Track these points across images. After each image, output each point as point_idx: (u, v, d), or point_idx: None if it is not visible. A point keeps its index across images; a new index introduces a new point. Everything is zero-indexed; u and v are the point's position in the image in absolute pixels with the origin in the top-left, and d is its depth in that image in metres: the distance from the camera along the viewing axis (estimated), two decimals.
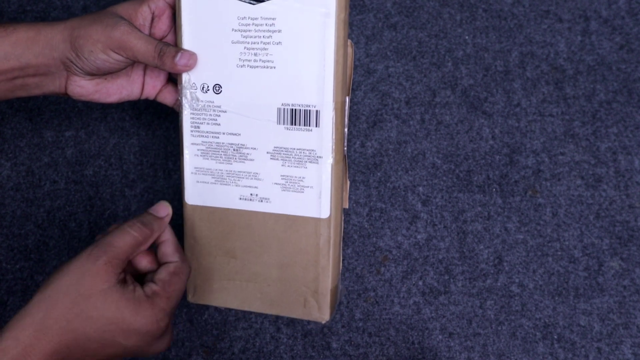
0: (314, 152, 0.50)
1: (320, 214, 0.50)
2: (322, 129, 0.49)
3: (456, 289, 0.62)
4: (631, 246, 0.61)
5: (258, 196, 0.52)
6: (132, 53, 0.49)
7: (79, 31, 0.49)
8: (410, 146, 0.65)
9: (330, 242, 0.51)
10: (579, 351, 0.60)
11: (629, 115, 0.64)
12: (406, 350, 0.62)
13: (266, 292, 0.53)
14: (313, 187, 0.50)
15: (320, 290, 0.52)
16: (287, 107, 0.49)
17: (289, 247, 0.52)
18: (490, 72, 0.66)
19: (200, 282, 0.55)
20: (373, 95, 0.67)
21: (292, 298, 0.53)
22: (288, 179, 0.51)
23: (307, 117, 0.49)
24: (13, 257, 0.67)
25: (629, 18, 0.66)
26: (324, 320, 0.53)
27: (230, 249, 0.53)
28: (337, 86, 0.48)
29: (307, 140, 0.49)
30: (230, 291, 0.54)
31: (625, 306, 0.60)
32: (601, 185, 0.63)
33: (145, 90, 0.55)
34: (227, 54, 0.50)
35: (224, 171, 0.52)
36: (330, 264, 0.51)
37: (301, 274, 0.52)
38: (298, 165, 0.50)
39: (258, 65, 0.49)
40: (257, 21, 0.49)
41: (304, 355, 0.62)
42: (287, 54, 0.49)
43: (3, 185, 0.69)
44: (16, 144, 0.69)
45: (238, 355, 0.63)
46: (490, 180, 0.64)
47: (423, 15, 0.68)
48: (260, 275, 0.53)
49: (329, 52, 0.47)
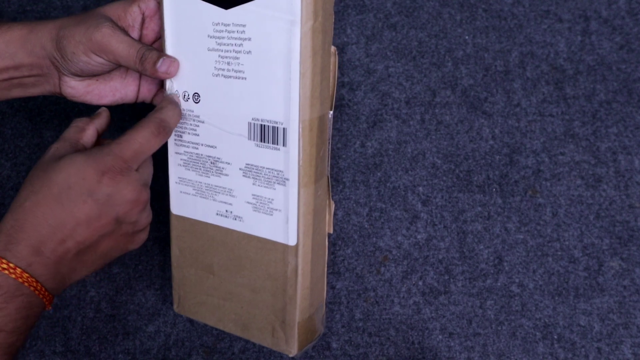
0: (281, 173, 0.46)
1: (288, 241, 0.47)
2: (288, 148, 0.45)
3: (456, 289, 0.62)
4: (631, 246, 0.61)
5: (232, 213, 0.49)
6: (113, 56, 0.47)
7: (63, 31, 0.48)
8: (410, 146, 0.65)
9: (298, 271, 0.47)
10: (579, 351, 0.60)
11: (629, 115, 0.64)
12: (406, 350, 0.62)
13: (239, 314, 0.51)
14: (281, 210, 0.47)
15: (287, 321, 0.49)
16: (257, 122, 0.46)
17: (260, 270, 0.49)
18: (490, 72, 0.66)
19: (184, 293, 0.54)
20: (373, 95, 0.67)
21: (262, 324, 0.50)
22: (258, 199, 0.48)
23: (275, 134, 0.45)
24: None
25: (629, 18, 0.66)
26: (291, 354, 0.49)
27: (209, 265, 0.52)
28: (306, 102, 0.44)
29: (276, 159, 0.46)
30: (208, 307, 0.53)
31: (625, 306, 0.60)
32: (601, 185, 0.63)
33: (141, 93, 0.54)
34: (204, 62, 0.48)
35: (202, 184, 0.50)
36: (298, 295, 0.48)
37: (271, 301, 0.49)
38: (267, 185, 0.47)
39: (231, 75, 0.47)
40: (229, 27, 0.46)
41: (304, 355, 0.62)
42: (257, 65, 0.45)
43: (3, 185, 0.69)
44: (16, 144, 0.69)
45: (238, 355, 0.63)
46: (490, 180, 0.64)
47: (423, 15, 0.68)
48: (235, 295, 0.51)
49: (295, 64, 0.43)
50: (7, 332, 0.40)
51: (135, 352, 0.63)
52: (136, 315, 0.64)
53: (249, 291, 0.50)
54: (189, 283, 0.54)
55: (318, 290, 0.51)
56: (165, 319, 0.64)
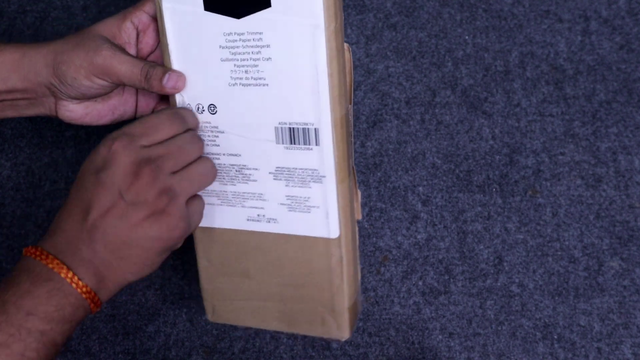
0: (316, 172, 0.47)
1: (329, 234, 0.48)
2: (322, 147, 0.46)
3: (456, 289, 0.62)
4: (631, 246, 0.61)
5: (265, 217, 0.49)
6: (117, 78, 0.46)
7: (61, 56, 0.47)
8: (410, 146, 0.65)
9: (343, 261, 0.49)
10: (579, 351, 0.60)
11: (629, 115, 0.64)
12: (406, 350, 0.62)
13: (283, 311, 0.52)
14: (319, 207, 0.47)
15: (337, 309, 0.50)
16: (285, 125, 0.46)
17: (302, 267, 0.50)
18: (490, 72, 0.66)
19: (218, 302, 0.54)
20: (373, 95, 0.67)
21: (310, 317, 0.51)
22: (293, 199, 0.48)
23: (306, 135, 0.46)
24: (13, 257, 0.67)
25: (629, 18, 0.66)
26: (343, 338, 0.51)
27: (244, 270, 0.51)
28: (334, 101, 0.45)
29: (309, 159, 0.47)
30: (248, 310, 0.53)
31: (625, 306, 0.60)
32: (601, 185, 0.63)
33: (140, 109, 0.53)
34: (217, 73, 0.47)
35: (228, 192, 0.50)
36: (345, 283, 0.49)
37: (317, 294, 0.50)
38: (302, 185, 0.47)
39: (250, 84, 0.46)
40: (244, 36, 0.45)
41: (304, 355, 0.62)
42: (279, 70, 0.45)
43: (3, 185, 0.69)
44: (16, 144, 0.70)
45: (238, 355, 0.63)
46: (490, 180, 0.64)
47: (423, 15, 0.68)
48: (276, 294, 0.51)
49: (322, 65, 0.44)
50: (38, 317, 0.40)
51: (135, 352, 0.63)
52: (136, 315, 0.64)
53: (292, 288, 0.51)
54: (223, 291, 0.53)
55: (357, 275, 0.53)
56: (165, 319, 0.64)
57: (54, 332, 0.41)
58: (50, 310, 0.40)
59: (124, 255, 0.43)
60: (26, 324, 0.40)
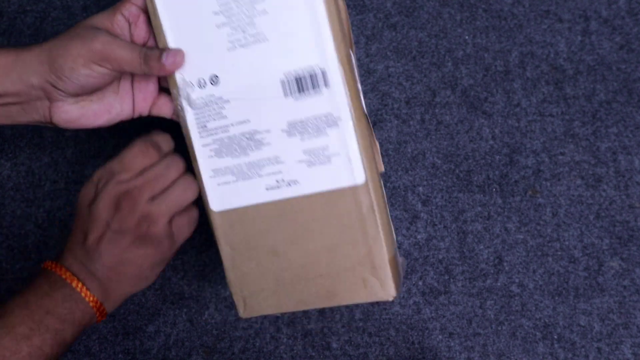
0: (330, 115, 0.45)
1: (355, 181, 0.46)
2: (332, 87, 0.45)
3: (456, 289, 0.62)
4: (631, 246, 0.61)
5: (285, 180, 0.47)
6: (117, 63, 0.47)
7: (57, 50, 0.47)
8: (410, 146, 0.65)
9: (374, 208, 0.46)
10: (579, 351, 0.60)
11: (629, 115, 0.64)
12: (406, 350, 0.62)
13: (320, 283, 0.48)
14: (340, 153, 0.46)
15: (377, 264, 0.46)
16: (290, 75, 0.46)
17: (332, 226, 0.47)
18: (490, 72, 0.66)
19: (249, 293, 0.51)
20: (373, 95, 0.67)
21: (349, 282, 0.47)
22: (311, 153, 0.46)
23: (314, 79, 0.45)
24: (13, 257, 0.67)
25: (629, 18, 0.66)
26: (391, 297, 0.47)
27: (271, 247, 0.49)
28: (337, 38, 0.44)
29: (320, 104, 0.45)
30: (282, 293, 0.50)
31: (625, 306, 0.60)
32: (601, 185, 0.63)
33: (137, 106, 0.52)
34: (215, 40, 0.47)
35: (242, 165, 0.48)
36: (381, 231, 0.46)
37: (353, 253, 0.47)
38: (318, 134, 0.46)
39: (249, 42, 0.46)
40: None
41: (304, 355, 0.62)
42: (276, 21, 0.45)
43: (3, 185, 0.69)
44: (16, 144, 0.70)
45: (238, 355, 0.63)
46: (490, 180, 0.64)
47: (423, 15, 0.68)
48: (309, 266, 0.48)
49: (319, 5, 0.44)
50: (54, 316, 0.46)
51: (135, 352, 0.63)
52: (136, 315, 0.64)
53: (326, 253, 0.48)
54: (253, 278, 0.50)
55: (391, 227, 0.50)
56: (165, 319, 0.64)
57: (66, 332, 0.47)
58: (64, 312, 0.46)
59: (120, 272, 0.49)
60: (45, 321, 0.45)
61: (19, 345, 0.44)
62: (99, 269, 0.48)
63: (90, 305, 0.48)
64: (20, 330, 0.44)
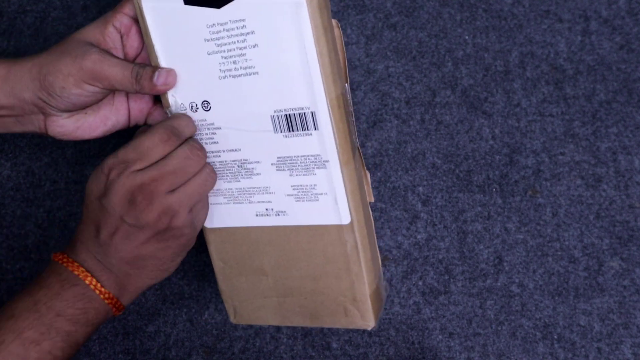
0: (319, 157, 0.45)
1: (341, 220, 0.47)
2: (321, 131, 0.44)
3: (456, 289, 0.62)
4: (631, 246, 0.61)
5: (273, 210, 0.48)
6: (108, 82, 0.45)
7: (47, 68, 0.46)
8: (410, 146, 0.65)
9: (358, 246, 0.47)
10: (579, 351, 0.60)
11: (629, 115, 0.64)
12: (406, 350, 0.62)
13: (304, 305, 0.50)
14: (327, 193, 0.46)
15: (358, 297, 0.49)
16: (281, 113, 0.45)
17: (317, 258, 0.48)
18: (490, 72, 0.66)
19: (239, 302, 0.53)
20: (373, 95, 0.67)
21: (331, 308, 0.50)
22: (299, 189, 0.47)
23: (303, 120, 0.45)
24: (13, 257, 0.67)
25: (629, 18, 0.66)
26: (369, 327, 0.49)
27: (259, 267, 0.51)
28: (328, 80, 0.43)
29: (309, 145, 0.45)
30: (269, 308, 0.52)
31: (625, 306, 0.60)
32: (601, 185, 0.63)
33: (133, 116, 0.51)
34: (206, 67, 0.46)
35: (234, 189, 0.49)
36: (363, 269, 0.48)
37: (335, 284, 0.49)
38: (306, 173, 0.46)
39: (240, 74, 0.45)
40: (227, 26, 0.44)
41: (304, 355, 0.62)
42: (267, 56, 0.44)
43: (3, 185, 0.69)
44: (16, 144, 0.70)
45: (238, 355, 0.63)
46: (490, 180, 0.64)
47: (423, 15, 0.68)
48: (295, 289, 0.50)
49: (309, 45, 0.42)
50: (65, 318, 0.43)
51: (135, 352, 0.63)
52: (136, 315, 0.64)
53: (310, 281, 0.49)
54: (242, 291, 0.52)
55: (376, 259, 0.51)
56: (165, 319, 0.64)
57: (78, 333, 0.44)
58: (76, 313, 0.44)
59: (139, 266, 0.46)
60: (55, 323, 0.43)
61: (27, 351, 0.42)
62: (115, 263, 0.45)
63: (105, 303, 0.45)
64: (28, 334, 0.42)
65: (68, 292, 0.44)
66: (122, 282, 0.46)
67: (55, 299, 0.43)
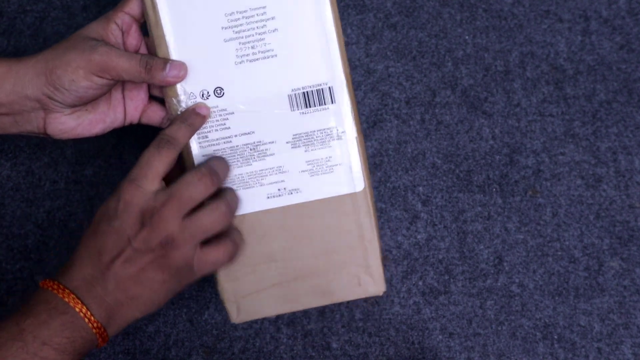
0: (336, 129, 0.48)
1: (355, 188, 0.49)
2: (338, 104, 0.48)
3: (456, 289, 0.62)
4: (631, 246, 0.61)
5: (287, 189, 0.49)
6: (117, 72, 0.46)
7: (54, 62, 0.46)
8: (410, 146, 0.65)
9: (371, 212, 0.49)
10: (579, 351, 0.60)
11: (629, 115, 0.64)
12: (406, 350, 0.62)
13: (317, 284, 0.51)
14: (342, 163, 0.49)
15: (371, 264, 0.50)
16: (298, 91, 0.48)
17: (331, 231, 0.50)
18: (490, 72, 0.66)
19: (243, 298, 0.52)
20: (373, 95, 0.67)
21: (345, 281, 0.51)
22: (314, 163, 0.49)
23: (321, 95, 0.48)
24: (13, 257, 0.67)
25: (629, 18, 0.66)
26: (381, 292, 0.51)
27: (269, 253, 0.50)
28: (343, 56, 0.48)
29: (326, 119, 0.48)
30: (279, 296, 0.51)
31: (625, 306, 0.60)
32: (601, 185, 0.63)
33: (128, 113, 0.52)
34: (221, 54, 0.48)
35: (244, 174, 0.49)
36: (376, 235, 0.50)
37: (350, 255, 0.50)
38: (322, 146, 0.48)
39: (258, 58, 0.47)
40: (247, 13, 0.47)
41: (304, 355, 0.62)
42: (287, 39, 0.47)
43: (3, 185, 0.69)
44: (16, 144, 0.69)
45: (238, 355, 0.63)
46: (490, 180, 0.64)
47: (423, 15, 0.68)
48: (305, 268, 0.50)
49: (330, 26, 0.47)
50: (51, 347, 0.42)
51: (135, 352, 0.63)
52: None
53: (323, 255, 0.50)
54: (248, 284, 0.51)
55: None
56: (165, 319, 0.64)
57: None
58: (63, 342, 0.43)
59: (134, 295, 0.45)
60: (40, 352, 0.42)
61: None
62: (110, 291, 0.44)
63: (93, 332, 0.44)
64: None
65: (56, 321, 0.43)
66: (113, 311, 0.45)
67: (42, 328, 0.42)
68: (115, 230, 0.44)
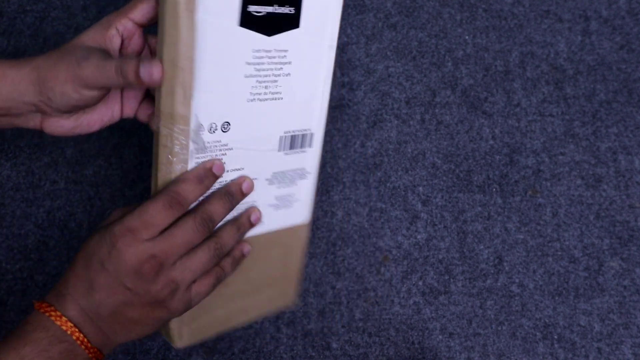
0: (304, 170, 0.52)
1: (306, 220, 0.54)
2: (313, 148, 0.52)
3: (456, 289, 0.62)
4: (631, 246, 0.61)
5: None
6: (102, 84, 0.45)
7: (45, 73, 0.45)
8: (410, 146, 0.65)
9: (308, 236, 0.54)
10: (579, 351, 0.60)
11: (629, 115, 0.64)
12: (406, 350, 0.62)
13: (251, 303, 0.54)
14: (300, 199, 0.53)
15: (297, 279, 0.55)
16: (288, 134, 0.50)
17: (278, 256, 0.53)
18: (490, 72, 0.66)
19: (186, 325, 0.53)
20: (373, 95, 0.67)
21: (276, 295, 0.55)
22: (281, 199, 0.52)
23: (304, 140, 0.51)
24: (13, 257, 0.67)
25: (629, 18, 0.66)
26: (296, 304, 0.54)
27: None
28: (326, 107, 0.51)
29: (301, 160, 0.52)
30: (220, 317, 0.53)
31: (625, 306, 0.60)
32: (601, 185, 0.63)
33: (125, 110, 0.52)
34: (238, 89, 0.47)
35: None
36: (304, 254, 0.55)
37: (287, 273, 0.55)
38: (290, 184, 0.52)
39: (267, 98, 0.48)
40: (271, 53, 0.47)
41: (304, 355, 0.62)
42: (294, 85, 0.49)
43: (3, 185, 0.69)
44: (16, 144, 0.69)
45: (238, 355, 0.63)
46: (490, 180, 0.64)
47: (423, 15, 0.68)
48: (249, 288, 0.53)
49: (328, 79, 0.50)
50: None
51: (135, 352, 0.63)
52: None
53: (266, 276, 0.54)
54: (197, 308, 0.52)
55: None
56: None
57: None
58: None
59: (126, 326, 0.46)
60: None
61: None
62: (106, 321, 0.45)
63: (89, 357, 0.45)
64: None
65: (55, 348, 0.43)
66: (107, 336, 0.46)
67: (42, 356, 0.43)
68: (108, 273, 0.44)
